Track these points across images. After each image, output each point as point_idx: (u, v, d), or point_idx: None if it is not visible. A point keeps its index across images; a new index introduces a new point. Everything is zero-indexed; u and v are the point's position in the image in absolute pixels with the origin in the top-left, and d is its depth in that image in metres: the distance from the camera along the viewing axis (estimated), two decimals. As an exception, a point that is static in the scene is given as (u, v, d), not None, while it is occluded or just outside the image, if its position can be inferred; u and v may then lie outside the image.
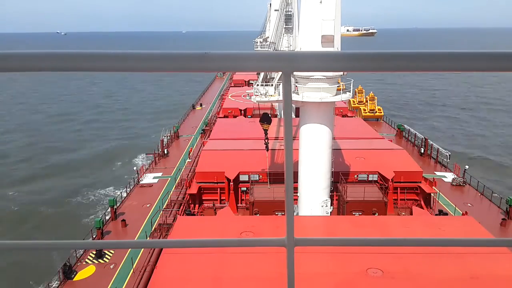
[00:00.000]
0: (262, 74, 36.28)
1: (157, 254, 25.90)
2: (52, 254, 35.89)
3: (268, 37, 75.31)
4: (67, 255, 29.08)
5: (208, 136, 51.65)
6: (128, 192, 39.68)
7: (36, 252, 34.73)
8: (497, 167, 59.23)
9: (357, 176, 36.85)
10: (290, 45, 47.05)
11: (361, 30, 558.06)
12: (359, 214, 32.38)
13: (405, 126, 60.45)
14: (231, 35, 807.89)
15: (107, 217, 34.47)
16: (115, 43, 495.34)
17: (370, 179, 36.80)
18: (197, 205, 36.84)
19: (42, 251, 35.64)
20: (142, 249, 28.42)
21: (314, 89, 27.07)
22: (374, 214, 32.49)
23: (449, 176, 42.99)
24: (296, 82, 27.93)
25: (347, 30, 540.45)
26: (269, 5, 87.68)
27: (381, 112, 70.44)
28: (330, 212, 30.58)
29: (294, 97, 27.42)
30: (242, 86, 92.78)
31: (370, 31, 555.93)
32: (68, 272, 26.12)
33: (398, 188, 37.27)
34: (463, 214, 32.98)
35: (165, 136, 55.29)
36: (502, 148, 68.97)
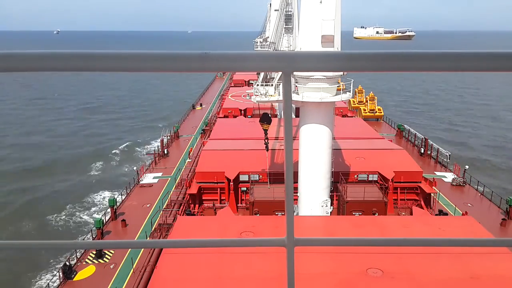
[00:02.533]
0: (262, 74, 36.26)
1: (157, 254, 25.89)
2: (52, 254, 35.86)
3: (268, 37, 75.28)
4: (67, 255, 29.09)
5: (208, 136, 51.65)
6: (128, 192, 39.69)
7: (36, 252, 34.71)
8: (497, 167, 59.22)
9: (357, 176, 36.86)
10: (290, 45, 47.02)
11: (396, 33, 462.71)
12: (359, 214, 32.37)
13: (405, 126, 60.40)
14: (233, 35, 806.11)
15: (107, 217, 34.48)
16: (117, 42, 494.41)
17: (370, 179, 36.80)
18: (197, 205, 36.83)
19: (42, 251, 35.66)
20: (142, 249, 28.42)
21: (314, 89, 27.06)
22: (374, 214, 32.47)
23: (449, 176, 43.00)
24: (296, 82, 27.92)
25: (377, 32, 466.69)
26: (269, 5, 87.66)
27: (381, 112, 70.45)
28: (330, 212, 30.58)
29: (294, 97, 27.41)
30: (242, 86, 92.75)
31: (407, 33, 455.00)
32: (68, 272, 26.12)
33: (398, 188, 37.28)
34: (463, 214, 32.96)
35: (165, 136, 55.30)
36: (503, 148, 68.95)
